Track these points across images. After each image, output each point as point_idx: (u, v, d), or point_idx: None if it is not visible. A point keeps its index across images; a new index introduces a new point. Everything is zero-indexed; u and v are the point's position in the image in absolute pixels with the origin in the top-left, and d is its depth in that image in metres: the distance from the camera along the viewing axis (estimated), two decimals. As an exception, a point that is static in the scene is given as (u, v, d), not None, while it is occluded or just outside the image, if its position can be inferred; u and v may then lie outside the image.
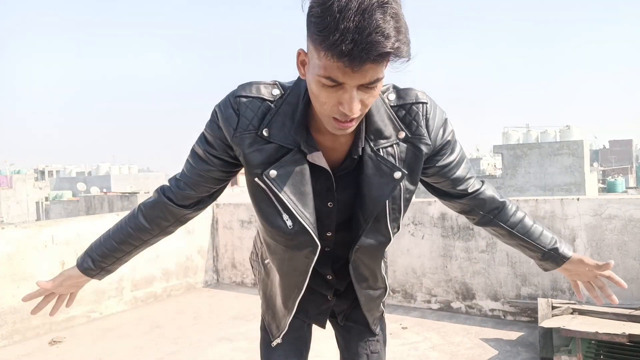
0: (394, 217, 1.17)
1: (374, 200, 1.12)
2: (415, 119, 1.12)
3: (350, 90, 0.93)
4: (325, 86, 0.94)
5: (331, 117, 0.98)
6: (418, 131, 1.12)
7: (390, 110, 1.12)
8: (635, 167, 50.08)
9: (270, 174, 1.08)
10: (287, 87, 1.11)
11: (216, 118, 1.11)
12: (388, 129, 1.11)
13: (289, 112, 1.08)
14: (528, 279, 3.70)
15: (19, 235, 3.83)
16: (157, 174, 49.37)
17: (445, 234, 4.04)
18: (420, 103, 1.13)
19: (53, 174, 56.15)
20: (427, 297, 4.14)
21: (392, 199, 1.14)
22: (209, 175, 1.18)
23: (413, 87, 1.15)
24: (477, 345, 3.32)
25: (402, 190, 1.14)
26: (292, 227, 1.12)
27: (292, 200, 1.10)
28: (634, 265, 3.31)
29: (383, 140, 1.10)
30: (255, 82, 1.12)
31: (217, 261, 5.49)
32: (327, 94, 0.95)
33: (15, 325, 3.72)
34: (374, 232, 1.17)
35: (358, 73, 0.90)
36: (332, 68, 0.91)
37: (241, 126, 1.08)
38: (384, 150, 1.11)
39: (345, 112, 0.95)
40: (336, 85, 0.93)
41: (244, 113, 1.08)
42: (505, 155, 22.42)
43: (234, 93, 1.11)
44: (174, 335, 3.80)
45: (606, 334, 2.58)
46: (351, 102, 0.94)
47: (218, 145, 1.13)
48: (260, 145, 1.09)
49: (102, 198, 28.00)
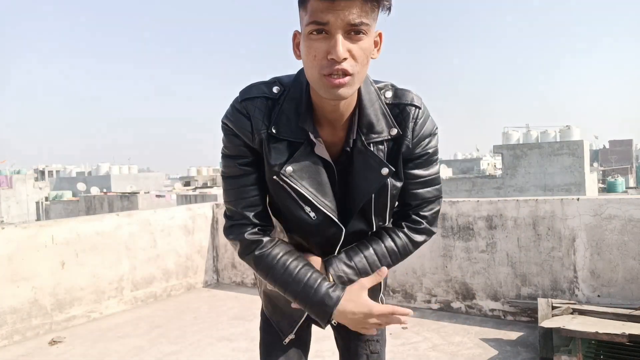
0: (378, 211, 1.19)
1: (360, 193, 1.15)
2: (405, 120, 1.14)
3: (336, 34, 0.97)
4: (313, 38, 0.99)
5: (323, 76, 1.00)
6: (405, 132, 1.15)
7: (386, 107, 1.14)
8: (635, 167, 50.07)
9: (287, 170, 1.10)
10: (286, 83, 1.14)
11: (230, 129, 1.13)
12: (380, 124, 1.13)
13: (292, 107, 1.11)
14: (528, 279, 3.70)
15: (19, 235, 3.83)
16: (157, 174, 49.39)
17: (445, 234, 4.04)
18: (414, 106, 1.15)
19: (53, 174, 56.15)
20: (427, 297, 4.14)
21: (377, 194, 1.16)
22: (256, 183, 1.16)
23: (411, 90, 1.17)
24: (477, 345, 3.32)
25: (389, 186, 1.16)
26: (316, 217, 1.15)
27: (311, 192, 1.13)
28: (634, 265, 3.31)
29: (374, 134, 1.13)
30: (254, 84, 1.15)
31: (217, 261, 5.49)
32: (315, 45, 0.99)
33: (15, 325, 3.72)
34: (359, 222, 1.20)
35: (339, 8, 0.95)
36: (316, 10, 0.96)
37: (255, 127, 1.11)
38: (375, 146, 1.13)
39: (333, 57, 0.97)
40: (322, 31, 0.97)
41: (253, 114, 1.11)
42: (505, 155, 22.43)
43: (237, 99, 1.13)
44: (174, 335, 3.80)
45: (606, 334, 2.59)
46: (337, 45, 0.97)
47: (245, 152, 1.14)
48: (273, 143, 1.11)
49: (102, 198, 28.01)
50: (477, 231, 3.90)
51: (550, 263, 3.61)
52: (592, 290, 3.46)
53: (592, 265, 3.46)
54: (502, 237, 3.80)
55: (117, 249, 4.50)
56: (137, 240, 4.69)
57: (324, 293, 1.11)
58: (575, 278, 3.52)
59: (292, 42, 1.08)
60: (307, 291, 1.12)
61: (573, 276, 3.53)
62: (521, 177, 21.90)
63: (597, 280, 3.45)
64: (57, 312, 3.98)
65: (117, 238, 4.51)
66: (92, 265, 4.27)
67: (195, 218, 5.28)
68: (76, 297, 4.12)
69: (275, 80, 1.14)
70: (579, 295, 3.49)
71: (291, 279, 1.13)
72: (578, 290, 3.50)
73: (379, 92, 1.14)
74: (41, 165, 57.71)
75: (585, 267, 3.48)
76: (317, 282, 1.12)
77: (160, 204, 24.40)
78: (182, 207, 5.36)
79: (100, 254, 4.35)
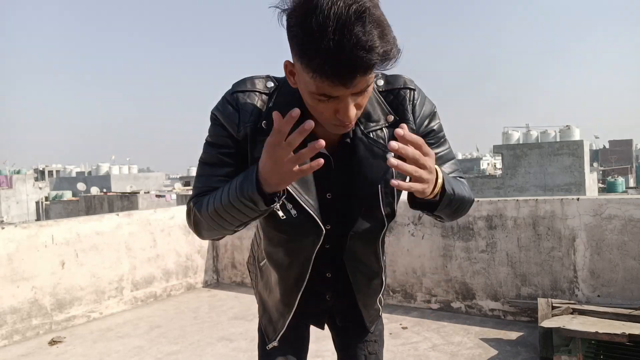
0: (387, 201, 1.16)
1: (368, 182, 1.13)
2: (402, 104, 1.13)
3: (345, 100, 0.95)
4: (319, 100, 0.95)
5: (331, 124, 1.00)
6: (405, 115, 1.13)
7: (379, 95, 1.13)
8: (635, 167, 50.07)
9: None
10: (280, 80, 1.13)
11: (217, 119, 1.12)
12: (376, 113, 1.12)
13: (284, 104, 1.09)
14: (528, 279, 3.70)
15: (19, 235, 3.83)
16: (157, 174, 49.39)
17: (445, 234, 4.04)
18: (408, 89, 1.14)
19: (53, 174, 56.14)
20: (427, 297, 4.14)
21: (384, 183, 1.14)
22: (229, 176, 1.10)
23: (401, 74, 1.16)
24: (477, 345, 3.32)
25: (394, 174, 1.14)
26: (297, 215, 1.12)
27: (295, 189, 1.10)
28: (634, 265, 3.31)
29: (372, 123, 1.12)
30: (248, 77, 1.13)
31: (217, 261, 5.49)
32: (323, 105, 0.97)
33: (15, 325, 3.72)
34: (369, 218, 1.16)
35: (350, 86, 0.91)
36: (323, 86, 0.92)
37: (243, 120, 1.09)
38: (374, 134, 1.12)
39: (344, 120, 0.97)
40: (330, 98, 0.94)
41: (243, 107, 1.09)
42: (505, 155, 22.42)
43: (229, 91, 1.12)
44: (174, 335, 3.80)
45: (606, 334, 2.59)
46: (347, 110, 0.96)
47: (228, 143, 1.12)
48: (261, 137, 1.08)
49: (102, 198, 28.01)
50: (477, 231, 3.90)
51: (550, 263, 3.62)
52: (592, 290, 3.46)
53: (592, 265, 3.46)
54: (502, 237, 3.80)
55: (117, 249, 4.50)
56: (137, 240, 4.69)
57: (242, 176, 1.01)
58: (575, 278, 3.52)
59: (285, 70, 1.03)
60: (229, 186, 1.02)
61: (573, 276, 3.53)
62: (521, 177, 21.89)
63: (597, 280, 3.45)
64: (57, 312, 3.98)
65: (117, 238, 4.51)
66: (92, 265, 4.27)
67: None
68: (76, 297, 4.12)
69: (270, 76, 1.13)
70: (579, 295, 3.49)
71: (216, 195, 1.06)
72: (578, 290, 3.50)
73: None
74: (41, 165, 57.71)
75: (585, 267, 3.48)
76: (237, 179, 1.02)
77: (160, 204, 24.40)
78: (182, 207, 5.36)
79: (100, 254, 4.35)
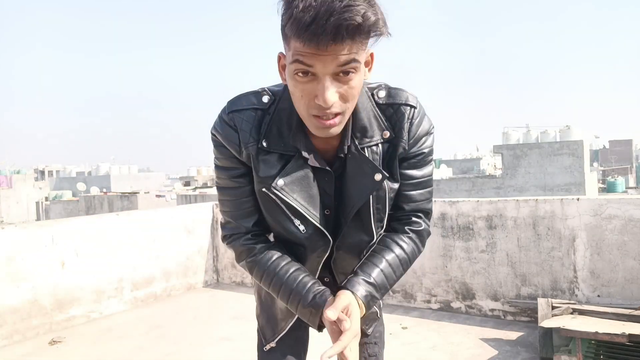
0: (378, 217, 1.16)
1: (352, 200, 1.11)
2: (400, 120, 1.10)
3: (323, 79, 0.91)
4: (299, 79, 0.93)
5: (311, 116, 0.97)
6: (400, 133, 1.11)
7: (377, 108, 1.10)
8: (635, 167, 50.08)
9: (278, 184, 1.07)
10: (276, 92, 1.10)
11: (218, 141, 1.11)
12: (372, 128, 1.09)
13: (283, 118, 1.07)
14: (528, 279, 3.70)
15: (19, 235, 3.83)
16: (157, 174, 49.39)
17: (445, 234, 4.04)
18: (409, 106, 1.11)
19: (53, 174, 56.15)
20: (427, 297, 4.14)
21: (376, 199, 1.13)
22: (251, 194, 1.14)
23: (405, 89, 1.13)
24: (477, 345, 3.32)
25: (387, 190, 1.13)
26: (305, 230, 1.12)
27: (303, 205, 1.10)
28: (634, 265, 3.31)
29: (367, 138, 1.09)
30: (242, 95, 1.11)
31: (217, 261, 5.49)
32: (302, 86, 0.94)
33: (15, 325, 3.71)
34: (358, 231, 1.16)
35: (326, 54, 0.87)
36: (300, 51, 0.89)
37: (243, 140, 1.08)
38: (369, 149, 1.10)
39: (321, 103, 0.93)
40: (308, 74, 0.91)
41: (241, 127, 1.08)
42: (505, 155, 22.41)
43: (225, 110, 1.10)
44: (174, 335, 3.80)
45: (606, 334, 2.59)
46: (324, 91, 0.91)
47: (236, 164, 1.12)
48: (263, 155, 1.08)
49: (102, 198, 28.03)
50: (477, 231, 3.90)
51: (550, 263, 3.62)
52: (592, 290, 3.46)
53: (592, 265, 3.46)
54: (502, 237, 3.80)
55: (117, 249, 4.50)
56: (137, 240, 4.69)
57: (310, 300, 1.09)
58: (575, 278, 3.52)
59: (277, 64, 1.02)
60: (297, 297, 1.10)
61: (573, 276, 3.53)
62: (521, 177, 21.88)
63: (597, 280, 3.45)
64: (57, 312, 3.98)
65: (117, 238, 4.51)
66: (92, 265, 4.27)
67: (195, 218, 5.28)
68: (76, 297, 4.12)
69: (264, 90, 1.11)
70: (579, 295, 3.50)
71: (282, 284, 1.12)
72: (578, 290, 3.50)
73: (371, 93, 1.10)
74: (41, 165, 57.71)
75: (585, 267, 3.48)
76: (306, 288, 1.10)
77: (160, 204, 24.41)
78: (182, 207, 5.37)
79: (100, 254, 4.35)
